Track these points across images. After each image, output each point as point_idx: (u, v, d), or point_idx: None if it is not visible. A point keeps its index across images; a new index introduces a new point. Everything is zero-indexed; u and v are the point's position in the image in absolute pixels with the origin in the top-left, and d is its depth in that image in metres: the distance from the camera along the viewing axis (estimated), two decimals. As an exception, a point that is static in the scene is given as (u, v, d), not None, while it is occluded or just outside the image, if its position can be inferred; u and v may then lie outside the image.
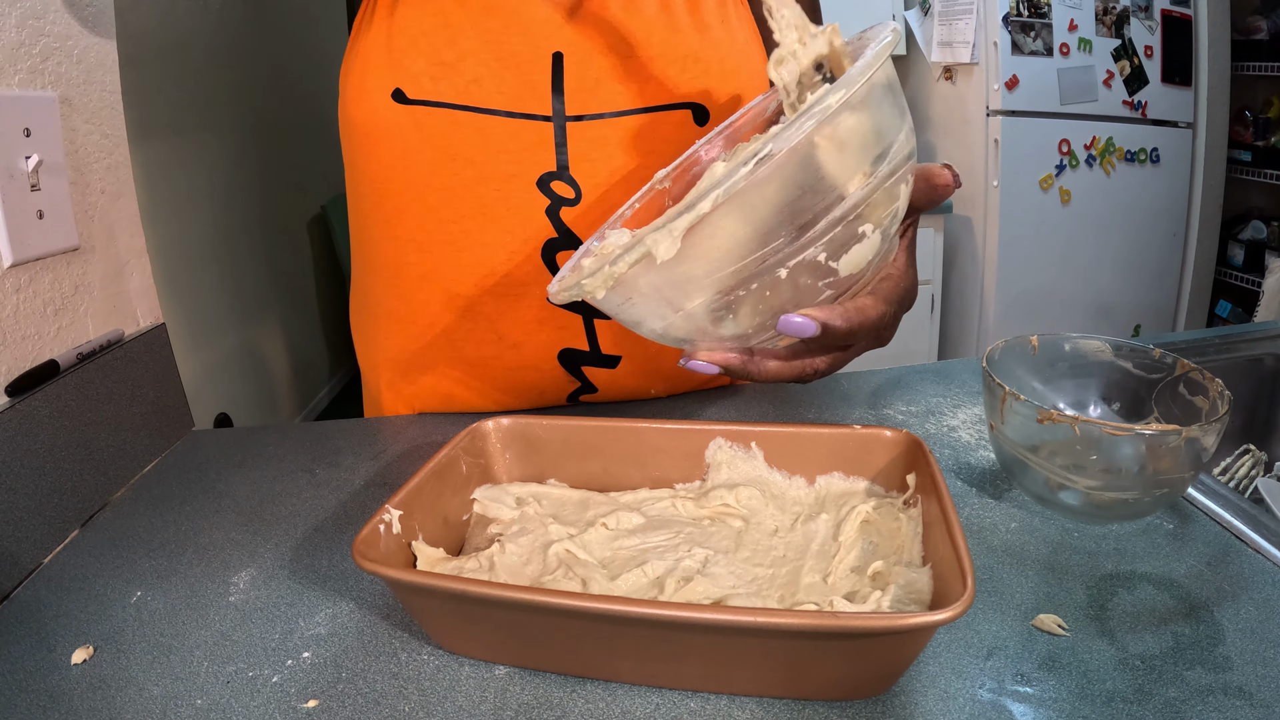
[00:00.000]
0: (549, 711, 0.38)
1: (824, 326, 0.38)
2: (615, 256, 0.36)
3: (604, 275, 0.36)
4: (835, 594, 0.41)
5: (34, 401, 0.54)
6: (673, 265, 0.35)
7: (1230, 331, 0.84)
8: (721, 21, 0.64)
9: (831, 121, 0.33)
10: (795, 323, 0.37)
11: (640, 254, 0.35)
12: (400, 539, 0.44)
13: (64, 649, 0.44)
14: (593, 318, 0.65)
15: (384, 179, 0.64)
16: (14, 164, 0.54)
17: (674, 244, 0.34)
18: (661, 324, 0.39)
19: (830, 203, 0.35)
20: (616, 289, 0.37)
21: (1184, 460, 0.45)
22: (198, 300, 2.14)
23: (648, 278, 0.36)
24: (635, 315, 0.39)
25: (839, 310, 0.38)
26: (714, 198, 0.33)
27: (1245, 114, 2.60)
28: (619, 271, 0.36)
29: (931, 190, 0.42)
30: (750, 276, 0.36)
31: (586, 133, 0.61)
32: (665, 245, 0.34)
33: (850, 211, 0.36)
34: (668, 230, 0.34)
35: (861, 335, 0.40)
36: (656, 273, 0.36)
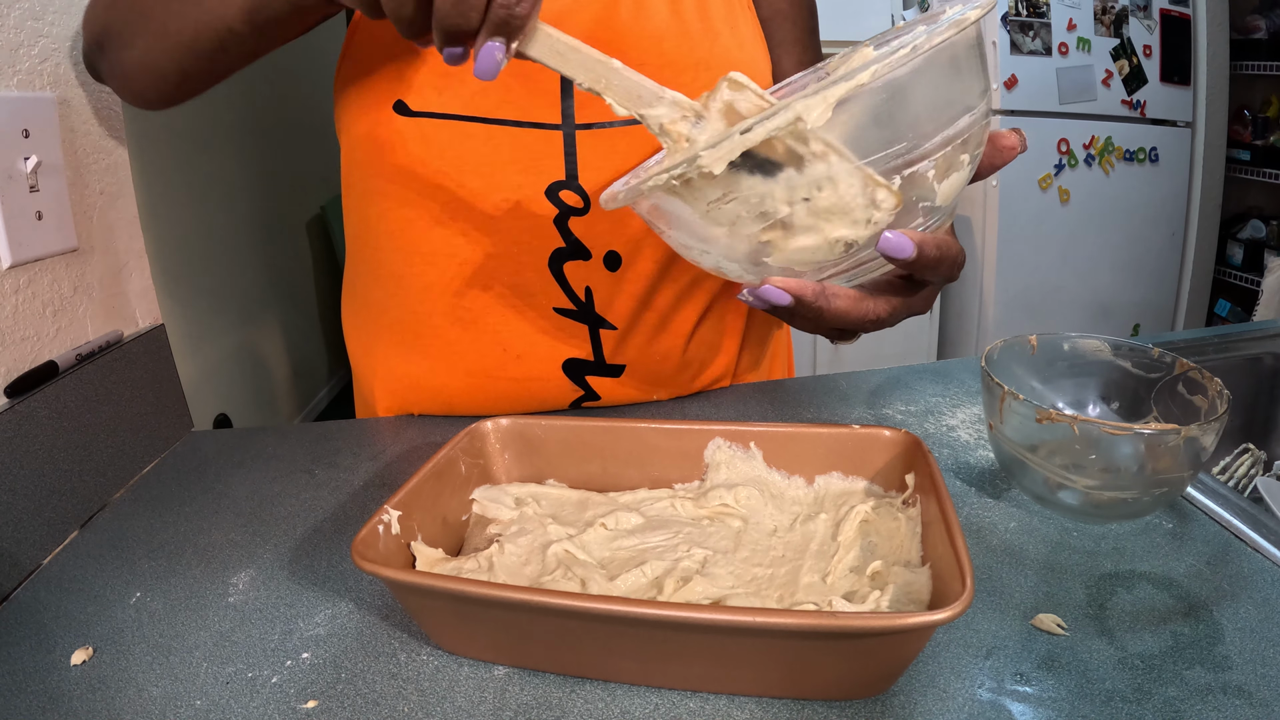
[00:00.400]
0: (548, 712, 0.38)
1: (919, 247, 0.37)
2: (749, 124, 0.33)
3: (731, 144, 0.33)
4: (834, 594, 0.41)
5: (33, 403, 0.54)
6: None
7: (1229, 331, 0.84)
8: (731, 29, 0.64)
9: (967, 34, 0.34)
10: (893, 240, 0.37)
11: (789, 119, 0.32)
12: (399, 539, 0.44)
13: (63, 650, 0.44)
14: (599, 328, 0.65)
15: (387, 190, 0.63)
16: (13, 165, 0.54)
17: (826, 111, 0.32)
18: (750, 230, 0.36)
19: (953, 115, 0.35)
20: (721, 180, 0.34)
21: (1183, 459, 0.45)
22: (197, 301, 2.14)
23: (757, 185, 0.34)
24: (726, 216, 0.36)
25: (931, 238, 0.38)
26: (873, 71, 0.32)
27: (1244, 113, 2.60)
28: (754, 140, 0.33)
29: (996, 153, 0.42)
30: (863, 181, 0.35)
31: (596, 141, 0.60)
32: (817, 111, 0.32)
33: (962, 133, 0.35)
34: (821, 97, 0.32)
35: (943, 269, 0.39)
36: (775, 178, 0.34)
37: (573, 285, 0.63)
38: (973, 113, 0.36)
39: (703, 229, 0.38)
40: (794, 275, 0.39)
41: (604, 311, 0.64)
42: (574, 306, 0.64)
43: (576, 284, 0.63)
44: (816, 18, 0.73)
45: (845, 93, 0.32)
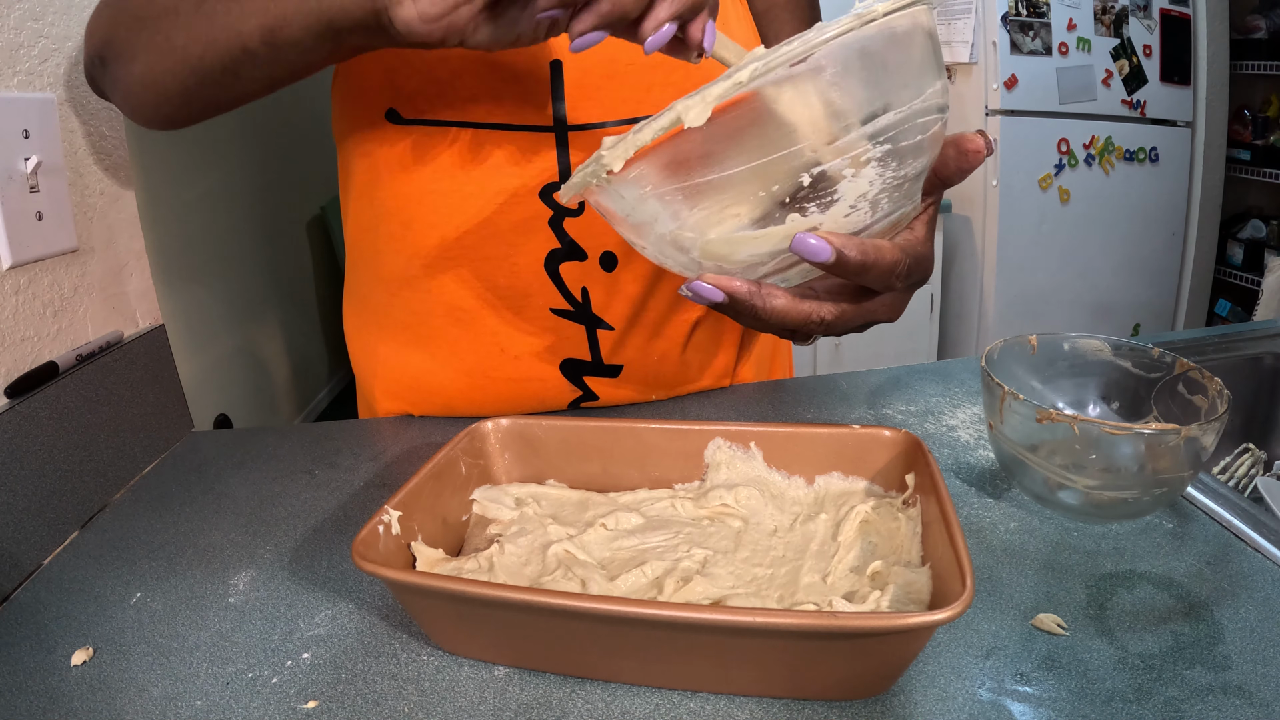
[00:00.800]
0: (548, 712, 0.38)
1: (839, 253, 0.35)
2: (640, 127, 0.34)
3: (625, 145, 0.34)
4: (834, 594, 0.41)
5: (33, 403, 0.54)
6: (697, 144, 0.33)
7: (1229, 330, 0.84)
8: (721, 24, 0.64)
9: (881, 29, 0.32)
10: (810, 243, 0.35)
11: (670, 120, 0.33)
12: (399, 540, 0.44)
13: (64, 650, 0.44)
14: (596, 328, 0.65)
15: (383, 196, 0.64)
16: (13, 165, 0.54)
17: (705, 110, 0.32)
18: (674, 224, 0.37)
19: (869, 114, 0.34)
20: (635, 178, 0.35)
21: (1183, 459, 0.45)
22: (197, 301, 2.14)
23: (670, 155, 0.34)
24: (647, 214, 0.37)
25: (855, 241, 0.36)
26: (752, 69, 0.31)
27: (1244, 113, 2.60)
28: (643, 140, 0.34)
29: (961, 157, 0.40)
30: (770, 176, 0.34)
31: (588, 142, 0.60)
32: (696, 111, 0.32)
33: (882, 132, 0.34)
34: (700, 97, 0.32)
35: (874, 277, 0.37)
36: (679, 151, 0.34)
37: (569, 286, 0.63)
38: (896, 111, 0.34)
39: (633, 224, 0.38)
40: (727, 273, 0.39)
41: (601, 312, 0.64)
42: (571, 307, 0.64)
43: (573, 285, 0.63)
44: (819, 10, 0.73)
45: (722, 92, 0.32)
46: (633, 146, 0.34)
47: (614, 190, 0.37)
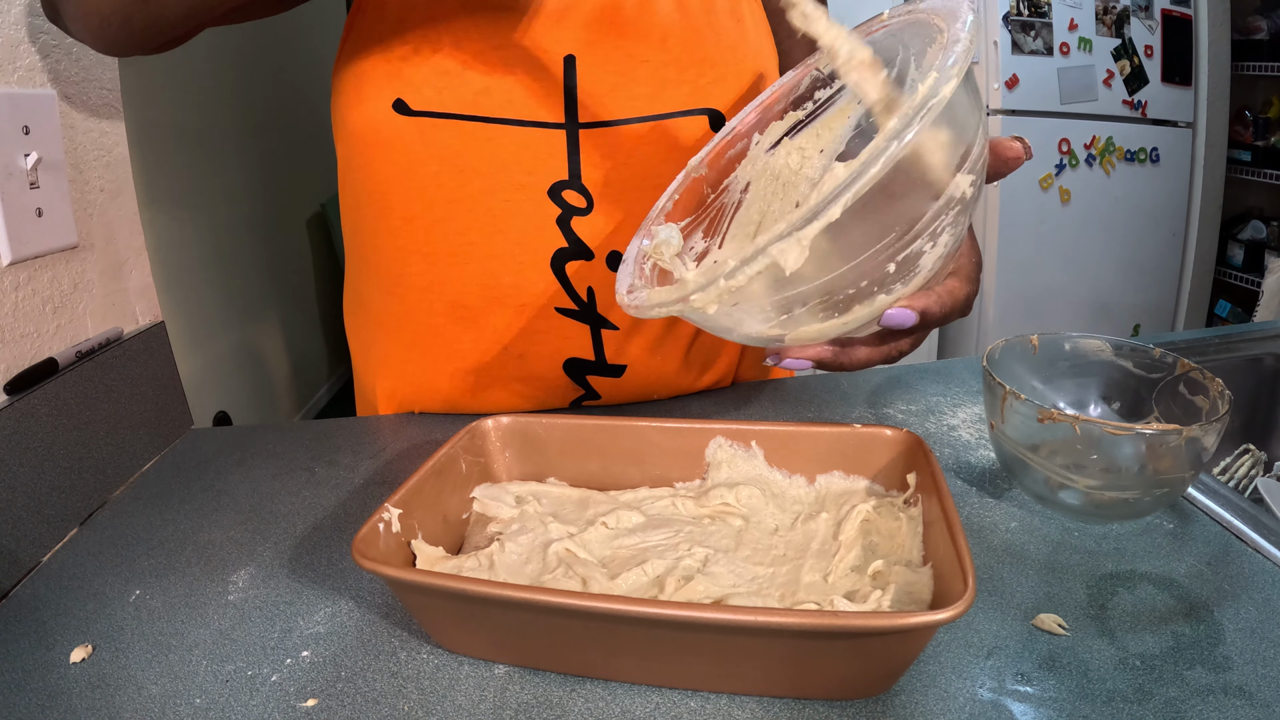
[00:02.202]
0: (548, 711, 0.38)
1: (922, 314, 0.38)
2: (731, 270, 0.34)
3: (718, 290, 0.34)
4: (835, 593, 0.41)
5: (33, 400, 0.54)
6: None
7: (1230, 331, 0.84)
8: (736, 23, 0.63)
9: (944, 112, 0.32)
10: (895, 315, 0.38)
11: (764, 265, 0.33)
12: (400, 538, 0.44)
13: (63, 647, 0.44)
14: (600, 328, 0.65)
15: (386, 190, 0.63)
16: (13, 161, 0.54)
17: (802, 253, 0.32)
18: (760, 328, 0.38)
19: (936, 193, 0.35)
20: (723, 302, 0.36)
21: (1184, 460, 0.45)
22: (197, 298, 2.13)
23: (761, 287, 0.35)
24: (730, 322, 0.38)
25: (934, 296, 0.39)
26: (844, 202, 0.31)
27: (1245, 114, 2.60)
28: (737, 285, 0.34)
29: (1001, 164, 0.41)
30: (862, 274, 0.35)
31: (599, 140, 0.60)
32: (794, 255, 0.33)
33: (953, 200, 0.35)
34: (795, 240, 0.32)
35: (952, 317, 0.41)
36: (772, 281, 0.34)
37: (575, 285, 0.63)
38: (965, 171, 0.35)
39: (715, 327, 0.40)
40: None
41: (606, 312, 0.64)
42: (576, 306, 0.64)
43: (579, 284, 0.63)
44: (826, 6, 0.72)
45: (818, 230, 0.32)
46: (726, 292, 0.34)
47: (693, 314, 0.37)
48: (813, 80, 0.51)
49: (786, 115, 0.52)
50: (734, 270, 0.34)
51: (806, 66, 0.52)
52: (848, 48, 0.39)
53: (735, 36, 0.62)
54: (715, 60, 0.61)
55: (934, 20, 0.41)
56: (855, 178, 0.31)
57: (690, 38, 0.60)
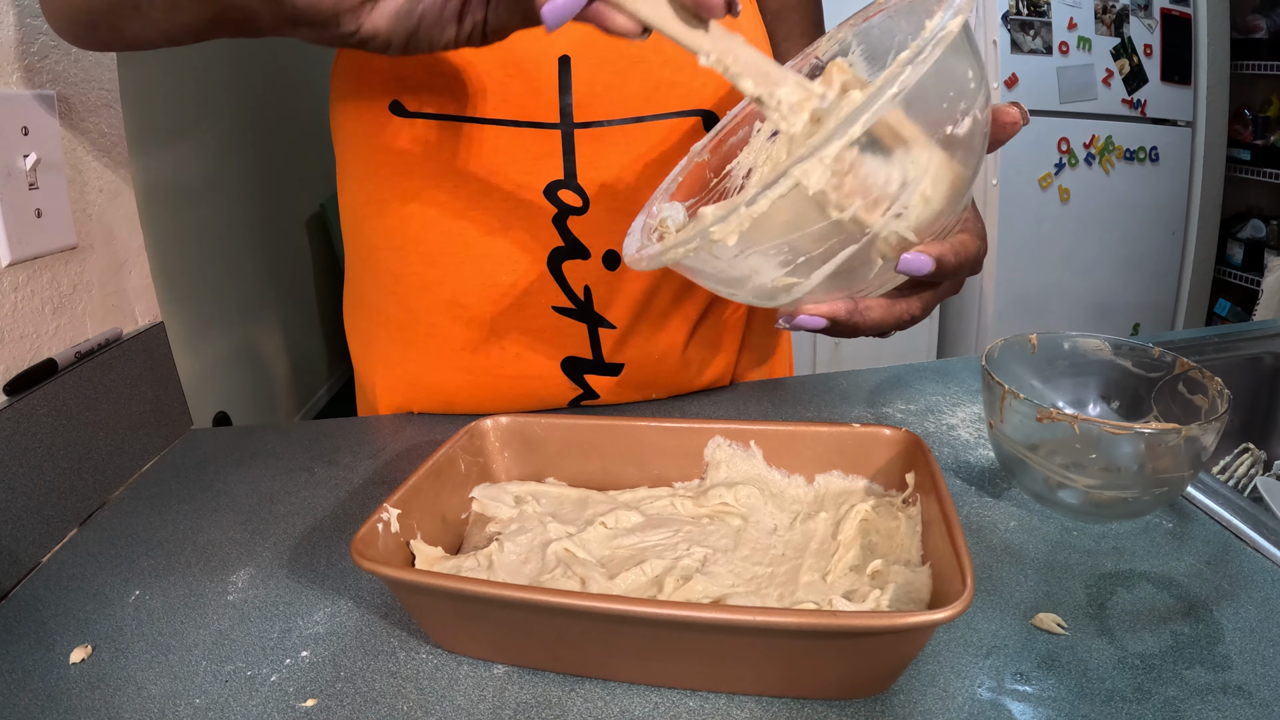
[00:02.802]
0: (547, 710, 0.38)
1: (938, 260, 0.38)
2: (752, 196, 0.32)
3: (738, 218, 0.33)
4: (834, 593, 0.41)
5: (32, 400, 0.54)
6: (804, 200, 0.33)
7: (1229, 330, 0.84)
8: (732, 24, 0.63)
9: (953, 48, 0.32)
10: (912, 260, 0.38)
11: (787, 187, 0.32)
12: (399, 538, 0.44)
13: (62, 648, 0.44)
14: (598, 327, 0.65)
15: (383, 190, 0.63)
16: (12, 162, 0.54)
17: (825, 173, 0.31)
18: (775, 274, 0.37)
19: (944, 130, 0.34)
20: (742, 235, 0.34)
21: (1183, 459, 0.45)
22: (196, 299, 2.13)
23: (780, 218, 0.33)
24: (744, 270, 0.36)
25: (948, 245, 0.39)
26: (864, 121, 0.31)
27: (1244, 112, 2.60)
28: (759, 210, 0.32)
29: (999, 129, 0.42)
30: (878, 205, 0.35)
31: (595, 140, 0.60)
32: (817, 175, 0.31)
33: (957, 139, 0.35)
34: (818, 159, 0.31)
35: (965, 270, 0.41)
36: (792, 217, 0.33)
37: (571, 284, 0.63)
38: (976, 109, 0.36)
39: (728, 278, 0.39)
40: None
41: (603, 310, 0.64)
42: (573, 305, 0.64)
43: (575, 283, 0.63)
44: (821, 10, 0.73)
45: (838, 150, 0.31)
46: (748, 219, 0.33)
47: (719, 250, 0.36)
48: (811, 69, 0.51)
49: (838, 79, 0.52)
50: (755, 196, 0.32)
51: (806, 56, 0.51)
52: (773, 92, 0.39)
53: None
54: None
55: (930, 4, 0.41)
56: (873, 98, 0.31)
57: None
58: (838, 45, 0.50)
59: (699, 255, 0.36)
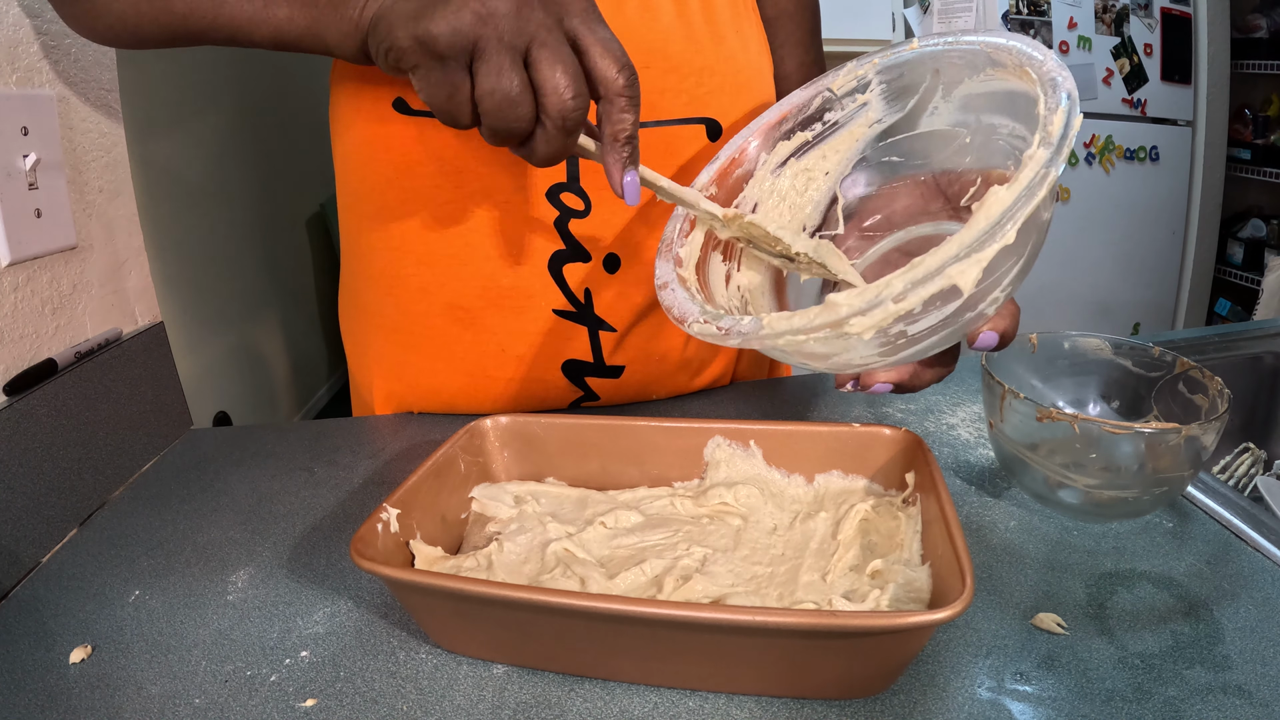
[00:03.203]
0: (547, 710, 0.38)
1: (1002, 336, 0.42)
2: (901, 291, 0.32)
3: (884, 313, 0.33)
4: (834, 592, 0.41)
5: (32, 400, 0.54)
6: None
7: (1230, 330, 0.84)
8: (736, 32, 0.63)
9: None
10: (985, 338, 0.41)
11: (940, 286, 0.32)
12: (398, 538, 0.44)
13: (62, 648, 0.44)
14: (598, 329, 0.65)
15: (383, 190, 0.63)
16: (12, 162, 0.54)
17: (978, 273, 0.32)
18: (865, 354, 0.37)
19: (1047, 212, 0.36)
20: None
21: (1183, 458, 0.45)
22: (196, 299, 2.13)
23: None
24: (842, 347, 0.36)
25: (1007, 318, 0.42)
26: (1018, 223, 0.32)
27: (1245, 112, 2.59)
28: (907, 308, 0.33)
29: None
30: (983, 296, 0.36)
31: None
32: (971, 275, 0.32)
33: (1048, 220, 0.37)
34: (975, 261, 0.32)
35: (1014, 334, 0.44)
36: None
37: (572, 287, 0.63)
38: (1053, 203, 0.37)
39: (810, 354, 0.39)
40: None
41: (603, 313, 0.64)
42: (573, 308, 0.64)
43: (576, 286, 0.63)
44: (819, 17, 0.72)
45: (995, 252, 0.32)
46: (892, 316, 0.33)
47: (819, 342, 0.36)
48: (823, 101, 0.51)
49: (794, 135, 0.51)
50: (903, 292, 0.33)
51: (818, 86, 0.51)
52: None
53: (735, 46, 0.62)
54: (715, 68, 0.61)
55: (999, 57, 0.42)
56: (1023, 200, 0.32)
57: (690, 47, 0.60)
58: (855, 81, 0.49)
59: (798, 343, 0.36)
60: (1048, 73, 0.38)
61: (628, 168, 0.43)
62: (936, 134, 0.48)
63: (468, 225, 0.61)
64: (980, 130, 0.46)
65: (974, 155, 0.47)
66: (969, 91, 0.46)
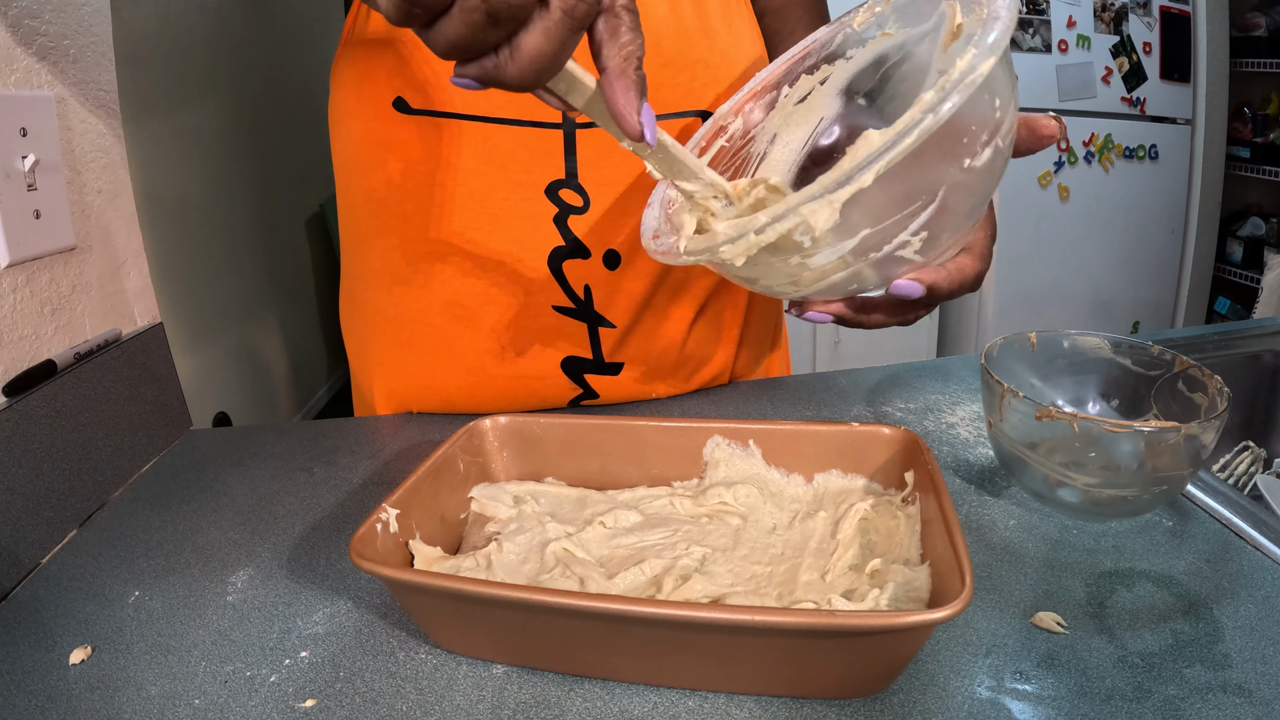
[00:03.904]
0: (547, 710, 0.38)
1: (930, 289, 0.41)
2: (762, 225, 0.35)
3: (746, 243, 0.35)
4: (833, 592, 0.41)
5: (31, 401, 0.54)
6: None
7: (1229, 328, 0.84)
8: (728, 26, 0.63)
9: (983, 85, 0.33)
10: (903, 286, 0.40)
11: (794, 223, 0.34)
12: (398, 538, 0.44)
13: (62, 649, 0.44)
14: (598, 326, 0.65)
15: (383, 188, 0.63)
16: (11, 164, 0.54)
17: (832, 215, 0.33)
18: (782, 281, 0.39)
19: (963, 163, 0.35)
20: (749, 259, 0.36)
21: (1183, 457, 0.45)
22: (195, 299, 2.13)
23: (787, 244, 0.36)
24: (755, 273, 0.39)
25: (942, 272, 0.41)
26: (876, 170, 0.32)
27: (1244, 110, 2.59)
28: (765, 241, 0.35)
29: (1035, 140, 0.42)
30: (883, 239, 0.36)
31: (596, 140, 0.60)
32: (824, 216, 0.33)
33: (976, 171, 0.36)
34: (827, 201, 0.33)
35: (959, 292, 0.43)
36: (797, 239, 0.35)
37: (572, 284, 0.63)
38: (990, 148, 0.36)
39: (737, 274, 0.41)
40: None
41: (603, 310, 0.64)
42: (573, 305, 0.64)
43: (575, 282, 0.63)
44: (825, 2, 0.72)
45: (849, 194, 0.33)
46: (755, 246, 0.35)
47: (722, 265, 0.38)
48: (845, 37, 0.50)
49: (819, 69, 0.51)
50: (764, 225, 0.35)
51: (842, 24, 0.51)
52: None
53: (727, 40, 0.62)
54: (708, 62, 0.61)
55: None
56: (889, 146, 0.32)
57: (683, 40, 0.60)
58: (874, 18, 0.49)
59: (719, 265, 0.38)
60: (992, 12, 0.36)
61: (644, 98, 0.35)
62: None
63: (468, 223, 0.61)
64: None
65: None
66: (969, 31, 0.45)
